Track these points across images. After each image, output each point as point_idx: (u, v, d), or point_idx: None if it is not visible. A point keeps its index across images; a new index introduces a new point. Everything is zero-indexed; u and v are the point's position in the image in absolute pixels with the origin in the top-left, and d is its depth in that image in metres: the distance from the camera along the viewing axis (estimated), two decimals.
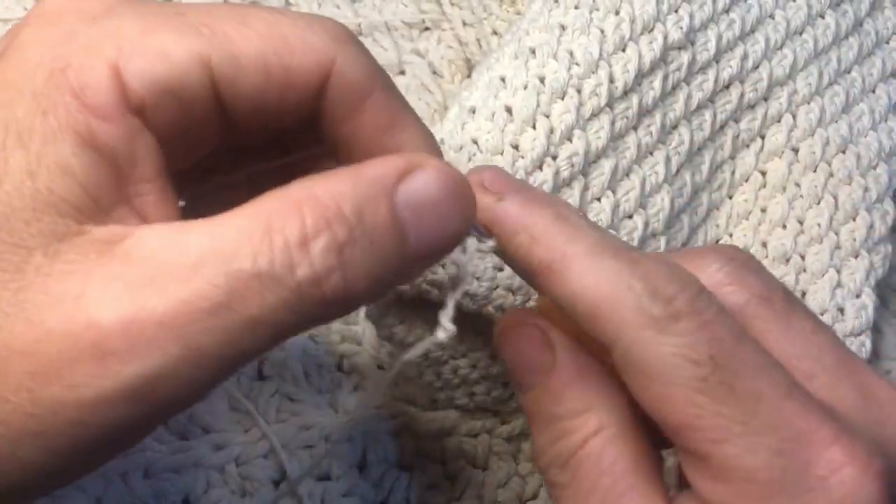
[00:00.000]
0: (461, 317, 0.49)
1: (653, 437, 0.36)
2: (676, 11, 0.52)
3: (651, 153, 0.51)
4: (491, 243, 0.36)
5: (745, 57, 0.56)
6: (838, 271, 0.56)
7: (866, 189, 0.57)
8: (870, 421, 0.34)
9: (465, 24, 0.66)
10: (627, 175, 0.50)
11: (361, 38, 0.63)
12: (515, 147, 0.47)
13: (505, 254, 0.36)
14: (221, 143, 0.35)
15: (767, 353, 0.33)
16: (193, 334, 0.28)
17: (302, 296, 0.29)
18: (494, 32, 0.66)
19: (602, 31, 0.49)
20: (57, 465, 0.28)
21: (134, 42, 0.30)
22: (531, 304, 0.47)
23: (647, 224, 0.50)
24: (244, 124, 0.33)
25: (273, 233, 0.28)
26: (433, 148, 0.36)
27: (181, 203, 0.35)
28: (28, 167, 0.28)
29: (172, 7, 0.32)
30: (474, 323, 0.51)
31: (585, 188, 0.48)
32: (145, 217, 0.31)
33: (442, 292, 0.47)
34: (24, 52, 0.30)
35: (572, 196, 0.48)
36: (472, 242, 0.36)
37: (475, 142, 0.47)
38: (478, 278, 0.47)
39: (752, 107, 0.57)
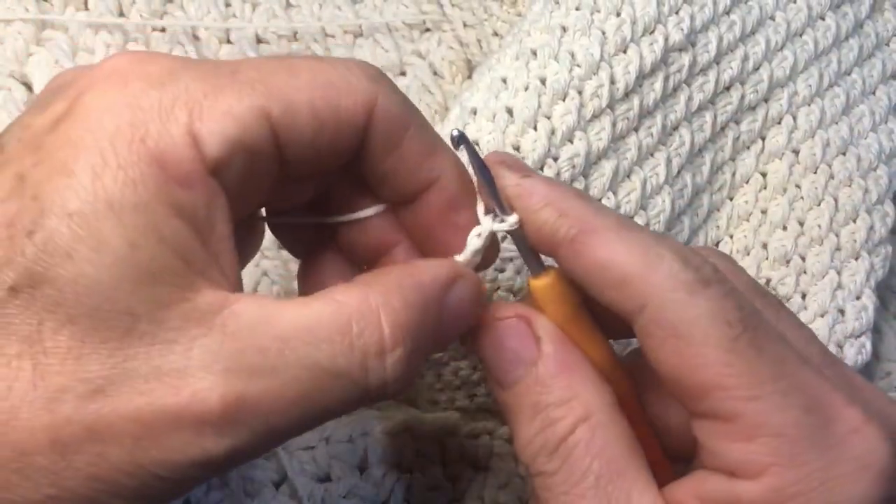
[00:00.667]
0: None
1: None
2: (677, 13, 0.52)
3: (652, 154, 0.51)
4: (513, 219, 0.37)
5: (745, 58, 0.56)
6: (839, 273, 0.56)
7: (866, 191, 0.57)
8: (857, 400, 0.35)
9: (465, 25, 0.66)
10: (628, 176, 0.50)
11: (362, 39, 0.64)
12: (517, 148, 0.47)
13: (525, 228, 0.37)
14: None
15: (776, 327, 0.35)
16: (276, 420, 0.31)
17: (369, 394, 0.33)
18: (495, 34, 0.66)
19: (603, 33, 0.50)
20: None
21: (202, 105, 0.31)
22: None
23: (647, 225, 0.50)
24: (299, 168, 0.35)
25: (354, 337, 0.32)
26: (462, 171, 0.38)
27: None
28: (128, 240, 0.29)
29: (227, 65, 0.33)
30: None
31: (586, 189, 0.48)
32: (224, 271, 0.32)
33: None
34: (95, 116, 0.31)
35: None
36: (487, 223, 0.38)
37: (476, 143, 0.47)
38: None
39: (752, 108, 0.57)
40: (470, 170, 0.38)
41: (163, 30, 0.60)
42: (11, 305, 0.29)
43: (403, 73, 0.63)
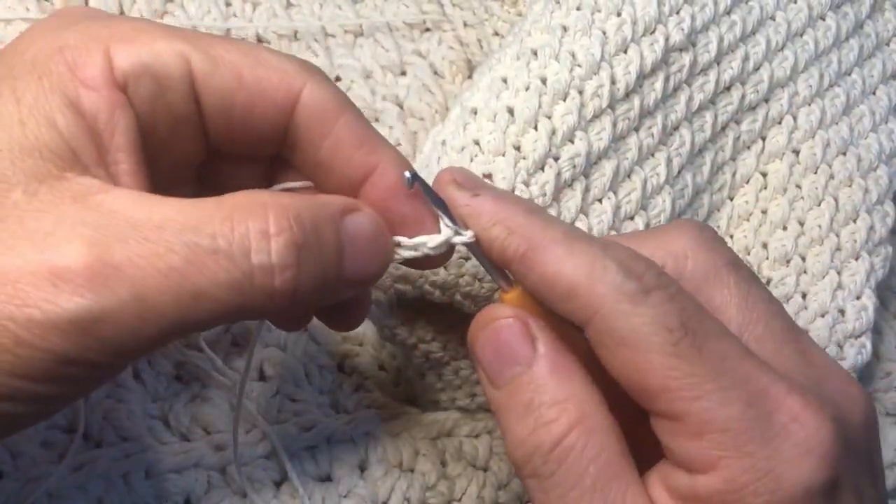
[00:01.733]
0: (462, 318, 0.49)
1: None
2: (678, 13, 0.52)
3: (652, 154, 0.51)
4: (469, 235, 0.39)
5: (746, 58, 0.56)
6: (839, 273, 0.56)
7: (867, 191, 0.57)
8: (810, 380, 0.37)
9: (466, 24, 0.66)
10: (629, 176, 0.50)
11: (363, 39, 0.64)
12: (517, 148, 0.47)
13: (480, 245, 0.39)
14: (209, 161, 0.39)
15: (721, 320, 0.37)
16: (143, 287, 0.31)
17: (252, 281, 0.33)
18: (496, 33, 0.66)
19: (604, 33, 0.50)
20: (6, 389, 0.31)
21: (126, 34, 0.35)
22: (495, 297, 0.47)
23: (648, 225, 0.50)
24: (221, 136, 0.38)
25: (235, 220, 0.33)
26: (402, 161, 0.40)
27: None
28: (19, 117, 0.33)
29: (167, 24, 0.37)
30: None
31: (587, 189, 0.48)
32: (119, 184, 0.34)
33: (444, 294, 0.47)
34: (32, 35, 0.36)
35: (574, 197, 0.48)
36: (446, 232, 0.39)
37: (477, 143, 0.47)
38: (479, 279, 0.47)
39: (752, 108, 0.57)
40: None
41: None
42: None
43: (404, 73, 0.63)
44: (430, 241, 0.39)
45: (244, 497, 0.50)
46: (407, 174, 0.38)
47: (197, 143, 0.38)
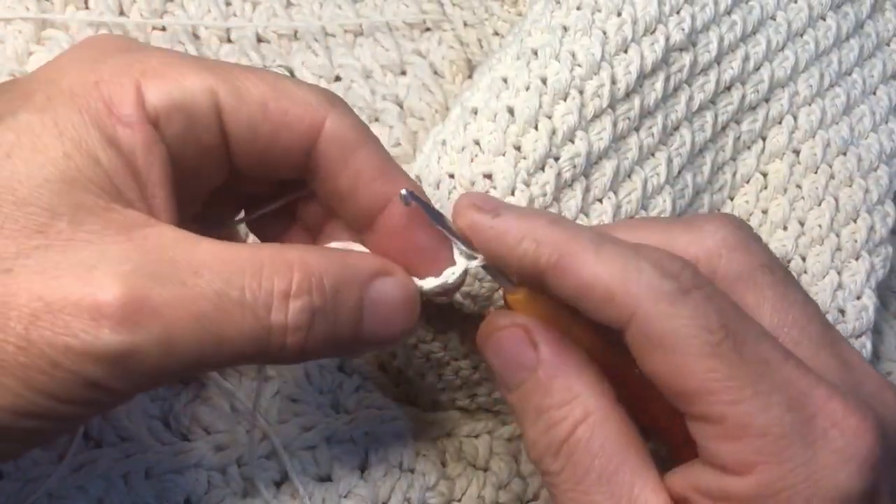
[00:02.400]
0: (462, 318, 0.49)
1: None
2: (678, 13, 0.52)
3: (653, 154, 0.51)
4: (478, 260, 0.40)
5: (746, 58, 0.56)
6: (839, 273, 0.56)
7: (867, 191, 0.57)
8: (847, 384, 0.37)
9: (466, 24, 0.66)
10: (629, 176, 0.50)
11: (362, 38, 0.64)
12: (517, 148, 0.47)
13: (510, 263, 0.39)
14: (230, 189, 0.41)
15: (760, 324, 0.37)
16: (174, 328, 0.33)
17: (269, 336, 0.35)
18: (496, 33, 0.66)
19: (604, 33, 0.49)
20: (31, 404, 0.32)
21: (156, 69, 0.36)
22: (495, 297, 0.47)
23: None
24: (245, 163, 0.39)
25: (264, 277, 0.35)
26: (418, 192, 0.40)
27: None
28: (63, 150, 0.34)
29: (195, 56, 0.38)
30: (476, 324, 0.51)
31: (587, 189, 0.48)
32: (156, 218, 0.35)
33: (447, 297, 0.47)
34: (67, 64, 0.37)
35: (574, 197, 0.48)
36: (461, 262, 0.41)
37: (477, 143, 0.47)
38: (479, 279, 0.47)
39: (753, 108, 0.57)
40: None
41: (163, 29, 0.60)
42: None
43: (404, 73, 0.63)
44: (451, 277, 0.41)
45: (244, 497, 0.50)
46: (403, 192, 0.39)
47: (221, 170, 0.39)
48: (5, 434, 0.33)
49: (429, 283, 0.41)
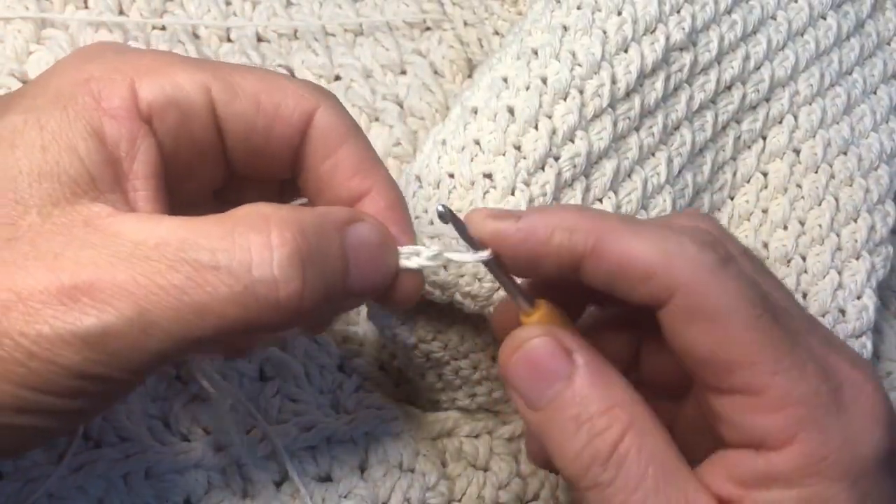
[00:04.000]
0: (462, 318, 0.49)
1: None
2: (679, 12, 0.52)
3: (653, 154, 0.51)
4: (486, 253, 0.39)
5: (746, 58, 0.56)
6: (839, 273, 0.56)
7: (867, 190, 0.57)
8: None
9: (466, 24, 0.66)
10: (629, 176, 0.50)
11: (362, 38, 0.64)
12: (517, 148, 0.47)
13: (544, 258, 0.38)
14: (226, 184, 0.41)
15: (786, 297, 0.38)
16: (146, 304, 0.32)
17: (256, 295, 0.34)
18: (496, 32, 0.66)
19: (604, 32, 0.49)
20: (15, 398, 0.32)
21: (149, 67, 0.37)
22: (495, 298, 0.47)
23: None
24: (240, 159, 0.39)
25: (236, 234, 0.34)
26: (396, 197, 0.41)
27: None
28: (41, 143, 0.34)
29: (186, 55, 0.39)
30: (475, 324, 0.51)
31: (587, 189, 0.48)
32: (135, 209, 0.36)
33: (444, 294, 0.47)
34: (59, 68, 0.38)
35: (574, 197, 0.48)
36: (467, 256, 0.40)
37: (477, 142, 0.47)
38: (479, 279, 0.47)
39: (753, 108, 0.57)
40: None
41: (163, 28, 0.60)
42: None
43: (404, 72, 0.63)
44: (454, 255, 0.40)
45: (244, 497, 0.50)
46: (440, 208, 0.38)
47: (218, 168, 0.40)
48: (7, 433, 0.33)
49: (425, 251, 0.41)
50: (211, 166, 0.39)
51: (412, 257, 0.40)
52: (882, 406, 0.36)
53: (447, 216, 0.38)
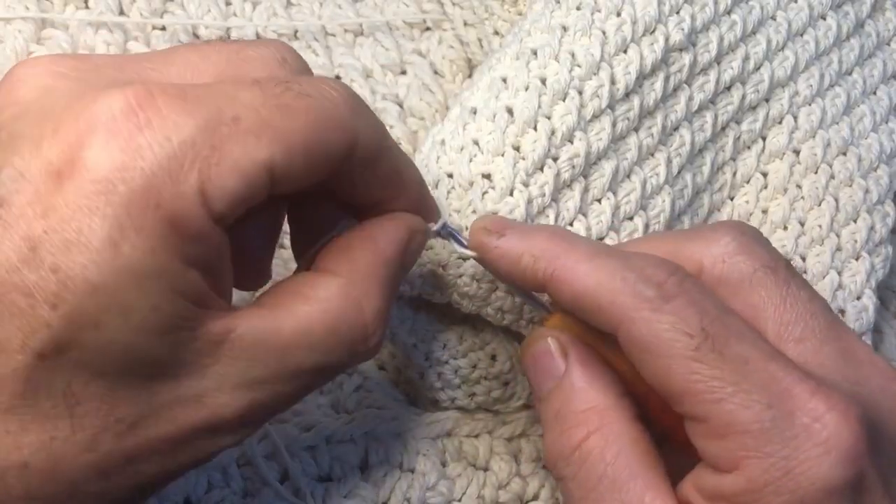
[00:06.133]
0: (461, 318, 0.49)
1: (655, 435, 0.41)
2: (678, 13, 0.52)
3: (652, 154, 0.51)
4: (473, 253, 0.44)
5: (746, 58, 0.56)
6: (839, 273, 0.56)
7: (867, 191, 0.57)
8: (850, 379, 0.39)
9: (466, 24, 0.66)
10: (628, 176, 0.50)
11: (362, 38, 0.63)
12: (516, 148, 0.47)
13: (516, 277, 0.42)
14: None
15: (748, 324, 0.39)
16: (280, 410, 0.37)
17: (354, 366, 0.39)
18: (496, 32, 0.66)
19: (604, 33, 0.49)
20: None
21: (209, 162, 0.31)
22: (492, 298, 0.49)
23: (647, 226, 0.50)
24: (284, 194, 0.37)
25: (342, 335, 0.37)
26: (422, 184, 0.43)
27: None
28: (149, 302, 0.31)
29: (225, 103, 0.33)
30: (473, 324, 0.51)
31: (586, 190, 0.48)
32: (226, 297, 0.35)
33: (443, 294, 0.47)
34: (105, 179, 0.30)
35: (573, 198, 0.48)
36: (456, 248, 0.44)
37: (476, 143, 0.47)
38: (477, 280, 0.47)
39: (753, 108, 0.57)
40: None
41: (163, 28, 0.60)
42: (40, 369, 0.30)
43: (404, 72, 0.63)
44: (457, 247, 0.44)
45: (244, 497, 0.50)
46: (436, 228, 0.43)
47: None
48: None
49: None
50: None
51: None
52: (842, 437, 0.35)
53: (445, 234, 0.44)
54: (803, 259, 0.56)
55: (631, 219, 0.50)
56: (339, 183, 0.38)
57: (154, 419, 0.33)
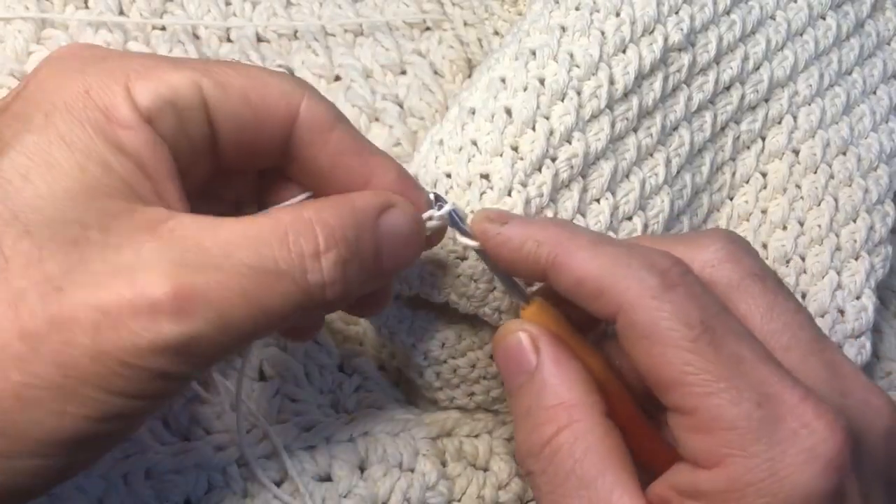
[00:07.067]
0: (460, 317, 0.49)
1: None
2: (677, 13, 0.52)
3: (651, 155, 0.51)
4: (476, 244, 0.43)
5: (745, 58, 0.56)
6: (839, 273, 0.56)
7: (867, 191, 0.57)
8: (834, 391, 0.39)
9: (466, 24, 0.66)
10: (627, 177, 0.50)
11: (362, 38, 0.64)
12: (515, 149, 0.47)
13: (517, 263, 0.42)
14: (218, 175, 0.42)
15: (746, 327, 0.39)
16: (224, 309, 0.35)
17: (309, 296, 0.37)
18: (496, 32, 0.66)
19: (602, 33, 0.49)
20: (112, 407, 0.34)
21: (140, 70, 0.37)
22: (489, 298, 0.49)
23: (646, 226, 0.50)
24: (230, 154, 0.40)
25: (291, 243, 0.36)
26: (398, 165, 0.43)
27: None
28: (77, 163, 0.35)
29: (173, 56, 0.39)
30: (472, 323, 0.51)
31: (584, 190, 0.48)
32: (173, 210, 0.37)
33: (441, 294, 0.47)
34: (47, 81, 0.37)
35: (571, 198, 0.48)
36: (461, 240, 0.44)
37: (474, 143, 0.47)
38: (475, 280, 0.47)
39: (752, 108, 0.57)
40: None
41: (163, 28, 0.60)
42: None
43: (404, 72, 0.63)
44: (459, 237, 0.44)
45: (244, 497, 0.50)
46: (452, 209, 0.43)
47: (210, 164, 0.40)
48: (91, 443, 0.35)
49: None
50: (203, 163, 0.40)
51: (431, 221, 0.43)
52: (828, 445, 0.35)
53: (451, 221, 0.43)
54: (802, 259, 0.56)
55: (630, 219, 0.50)
56: (296, 165, 0.41)
57: (82, 283, 0.33)
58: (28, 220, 0.34)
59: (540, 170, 0.47)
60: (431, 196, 0.43)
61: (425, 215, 0.43)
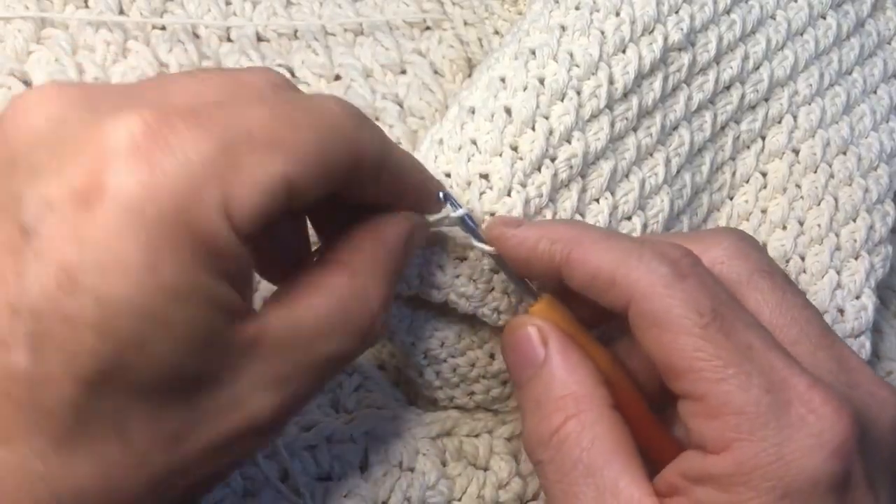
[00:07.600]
0: (459, 316, 0.49)
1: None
2: (677, 13, 0.52)
3: (651, 154, 0.51)
4: (492, 249, 0.44)
5: (745, 58, 0.56)
6: (838, 272, 0.56)
7: (867, 190, 0.57)
8: (842, 383, 0.40)
9: (466, 23, 0.66)
10: (626, 176, 0.50)
11: (362, 38, 0.64)
12: (514, 148, 0.47)
13: (533, 263, 0.43)
14: None
15: (755, 317, 0.40)
16: (308, 397, 0.38)
17: (367, 345, 0.40)
18: (496, 32, 0.66)
19: (602, 33, 0.49)
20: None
21: (230, 180, 0.32)
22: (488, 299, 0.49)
23: (645, 225, 0.50)
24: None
25: (353, 324, 0.38)
26: (427, 191, 0.43)
27: None
28: (188, 320, 0.31)
29: (237, 118, 0.33)
30: (471, 322, 0.51)
31: (584, 190, 0.48)
32: (249, 300, 0.36)
33: (440, 293, 0.47)
34: (134, 203, 0.30)
35: (570, 198, 0.48)
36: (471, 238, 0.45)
37: (474, 142, 0.47)
38: (474, 280, 0.47)
39: (752, 108, 0.57)
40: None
41: (163, 28, 0.60)
42: (89, 396, 0.31)
43: (404, 72, 0.63)
44: (475, 242, 0.45)
45: (244, 497, 0.50)
46: (466, 215, 0.44)
47: None
48: None
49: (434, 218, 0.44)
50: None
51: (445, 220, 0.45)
52: (835, 431, 0.36)
53: (464, 227, 0.44)
54: (802, 258, 0.56)
55: (629, 219, 0.50)
56: (346, 192, 0.38)
57: (198, 429, 0.34)
58: (146, 388, 0.32)
59: (539, 170, 0.46)
60: (441, 195, 0.44)
61: (439, 216, 0.44)
